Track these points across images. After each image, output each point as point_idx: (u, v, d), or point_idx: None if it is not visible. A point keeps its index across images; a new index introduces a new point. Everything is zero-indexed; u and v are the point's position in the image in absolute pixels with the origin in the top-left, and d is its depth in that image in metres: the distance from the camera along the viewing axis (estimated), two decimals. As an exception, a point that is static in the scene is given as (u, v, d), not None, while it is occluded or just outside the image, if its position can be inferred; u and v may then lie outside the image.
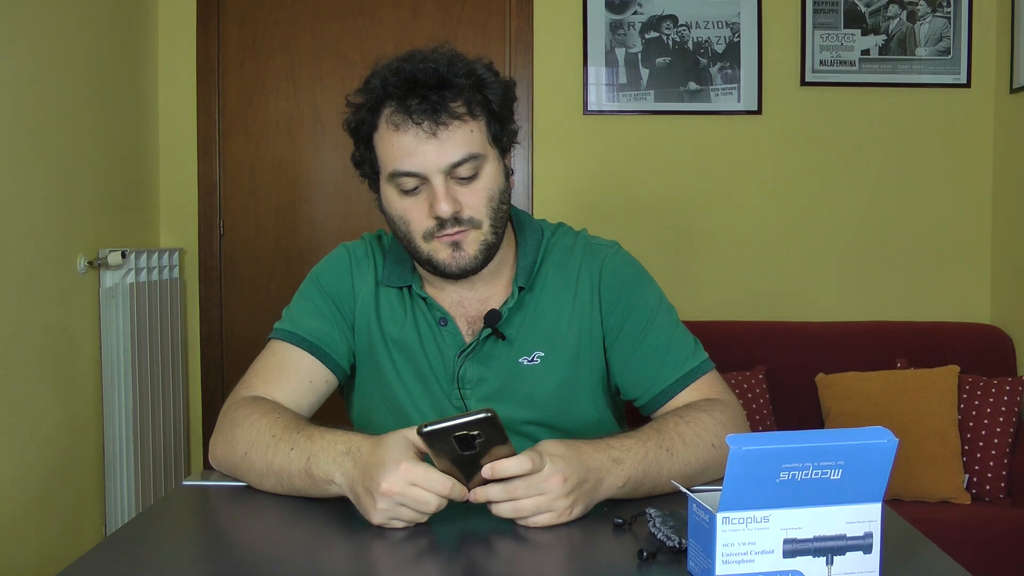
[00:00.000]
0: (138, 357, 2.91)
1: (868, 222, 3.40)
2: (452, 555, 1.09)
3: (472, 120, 1.33)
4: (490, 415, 1.05)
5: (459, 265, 1.36)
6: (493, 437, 1.07)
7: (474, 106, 1.34)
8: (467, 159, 1.32)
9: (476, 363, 1.43)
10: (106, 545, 1.10)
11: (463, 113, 1.32)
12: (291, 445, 1.23)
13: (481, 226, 1.35)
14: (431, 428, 1.06)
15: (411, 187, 1.34)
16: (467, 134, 1.33)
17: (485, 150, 1.35)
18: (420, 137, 1.31)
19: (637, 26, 3.35)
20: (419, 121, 1.30)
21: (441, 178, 1.32)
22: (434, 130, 1.31)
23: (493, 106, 1.36)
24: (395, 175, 1.34)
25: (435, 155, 1.31)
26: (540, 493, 1.10)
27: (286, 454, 1.22)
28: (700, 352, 1.45)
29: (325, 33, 3.42)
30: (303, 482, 1.21)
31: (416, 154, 1.31)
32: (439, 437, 1.06)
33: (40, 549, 2.50)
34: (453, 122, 1.31)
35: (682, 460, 1.25)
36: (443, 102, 1.31)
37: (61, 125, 2.66)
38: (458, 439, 1.06)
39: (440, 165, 1.31)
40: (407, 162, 1.32)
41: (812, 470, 0.91)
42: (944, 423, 2.85)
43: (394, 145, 1.33)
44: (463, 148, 1.32)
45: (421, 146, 1.31)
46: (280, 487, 1.25)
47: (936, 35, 3.34)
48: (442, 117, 1.31)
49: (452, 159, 1.32)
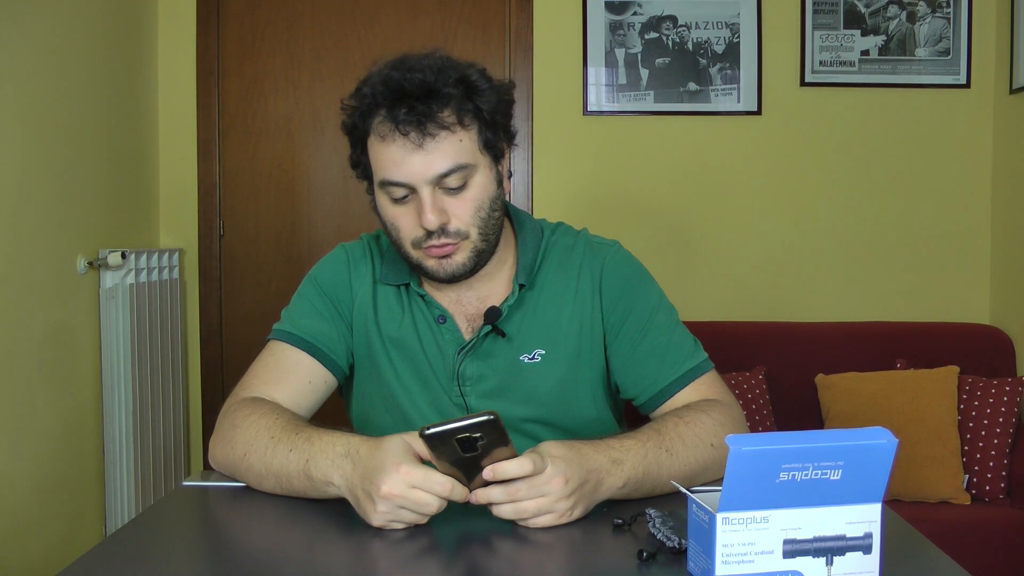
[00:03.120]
0: (138, 357, 2.91)
1: (868, 222, 3.40)
2: (452, 555, 1.09)
3: (462, 129, 1.32)
4: (492, 417, 1.05)
5: (447, 272, 1.36)
6: (495, 439, 1.07)
7: (464, 115, 1.32)
8: (455, 169, 1.31)
9: (476, 360, 1.43)
10: (106, 545, 1.10)
11: (451, 123, 1.31)
12: (289, 447, 1.22)
13: (469, 235, 1.35)
14: (433, 431, 1.06)
15: (400, 196, 1.33)
16: (455, 144, 1.31)
17: (475, 159, 1.34)
18: (407, 148, 1.30)
19: (637, 26, 3.35)
20: (405, 132, 1.29)
21: (428, 189, 1.31)
22: (420, 141, 1.29)
23: (484, 114, 1.34)
24: (384, 184, 1.34)
25: (422, 166, 1.30)
26: (541, 495, 1.10)
27: (284, 455, 1.22)
28: (700, 352, 1.45)
29: (325, 33, 3.42)
30: (302, 483, 1.21)
31: (403, 165, 1.30)
32: (441, 439, 1.06)
33: (40, 549, 2.50)
34: (440, 132, 1.30)
35: (681, 460, 1.25)
36: (430, 112, 1.29)
37: (61, 125, 2.66)
38: (460, 441, 1.06)
39: (427, 176, 1.30)
40: (394, 172, 1.31)
41: (812, 470, 0.91)
42: (944, 423, 2.85)
43: (382, 155, 1.32)
44: (450, 159, 1.31)
45: (408, 157, 1.30)
46: (279, 488, 1.25)
47: (936, 35, 3.34)
48: (429, 128, 1.29)
49: (439, 170, 1.30)
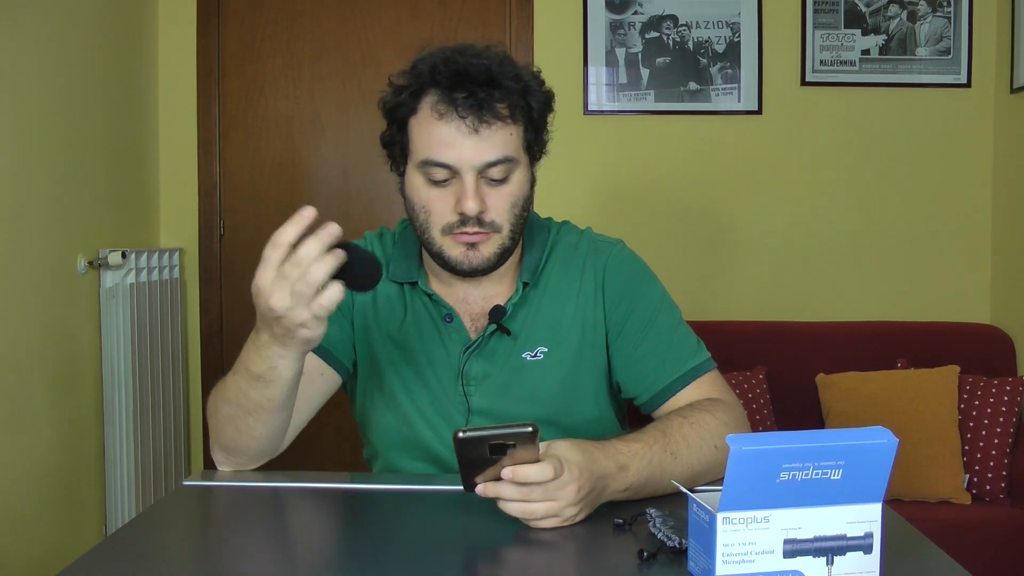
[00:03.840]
0: (138, 357, 2.91)
1: (868, 222, 3.40)
2: (453, 554, 1.09)
3: (512, 124, 1.34)
4: (532, 430, 1.05)
5: (471, 264, 1.36)
6: (527, 448, 1.07)
7: (516, 110, 1.34)
8: (502, 161, 1.32)
9: (481, 359, 1.43)
10: (106, 545, 1.10)
11: (506, 115, 1.32)
12: (232, 372, 1.28)
13: (501, 230, 1.35)
14: (469, 435, 1.05)
15: (441, 178, 1.33)
16: (506, 136, 1.33)
17: (519, 155, 1.35)
18: (461, 131, 1.30)
19: (637, 26, 3.35)
20: (463, 115, 1.30)
21: (473, 175, 1.32)
22: (476, 126, 1.30)
23: (534, 113, 1.36)
24: (427, 163, 1.33)
25: (472, 152, 1.31)
26: (552, 499, 1.10)
27: (232, 381, 1.28)
28: (702, 351, 1.45)
29: (325, 33, 3.42)
30: (249, 384, 1.24)
31: (454, 147, 1.31)
32: (473, 444, 1.06)
33: (40, 549, 2.50)
34: (496, 122, 1.31)
35: (685, 463, 1.26)
36: (490, 100, 1.30)
37: (61, 125, 2.66)
38: (492, 447, 1.06)
39: (475, 162, 1.31)
40: (443, 153, 1.32)
41: (812, 470, 0.91)
42: (944, 423, 2.85)
43: (432, 134, 1.32)
44: (500, 149, 1.32)
45: (461, 140, 1.31)
46: (251, 416, 1.27)
47: (936, 35, 3.34)
48: (486, 115, 1.30)
49: (488, 158, 1.31)
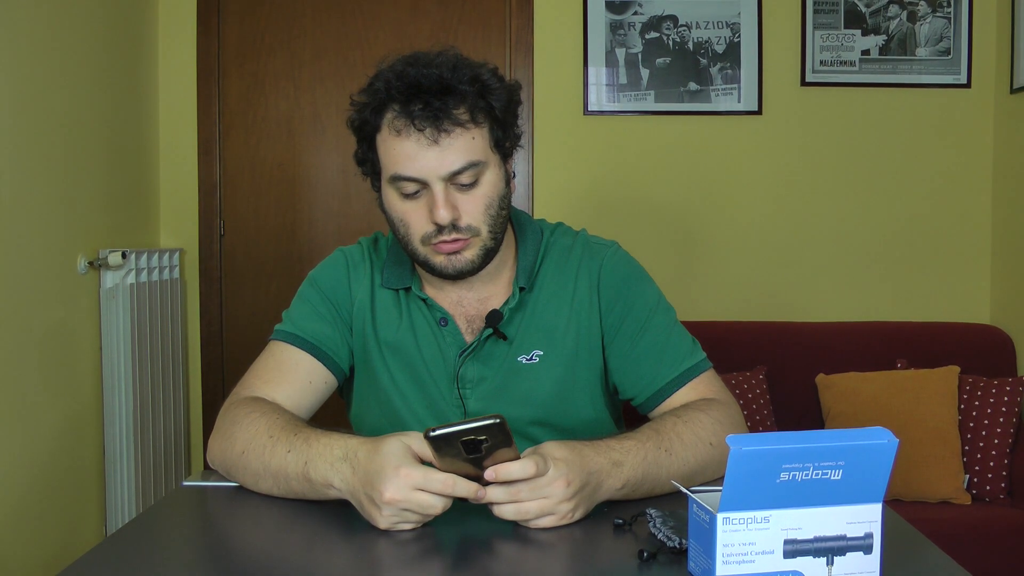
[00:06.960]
0: (138, 357, 2.91)
1: (868, 222, 3.40)
2: (453, 555, 1.09)
3: (475, 127, 1.33)
4: (498, 420, 1.05)
5: (456, 268, 1.37)
6: (499, 441, 1.07)
7: (477, 113, 1.33)
8: (467, 167, 1.32)
9: (476, 363, 1.43)
10: (106, 545, 1.10)
11: (466, 120, 1.32)
12: (288, 447, 1.22)
13: (480, 233, 1.35)
14: (438, 433, 1.05)
15: (411, 191, 1.34)
16: (468, 141, 1.32)
17: (487, 157, 1.35)
18: (422, 143, 1.30)
19: (637, 26, 3.35)
20: (421, 127, 1.30)
21: (441, 185, 1.32)
22: (436, 137, 1.30)
23: (496, 112, 1.35)
24: (395, 179, 1.34)
25: (436, 162, 1.31)
26: (543, 497, 1.10)
27: (283, 456, 1.22)
28: (698, 351, 1.45)
29: (325, 33, 3.42)
30: (301, 485, 1.20)
31: (417, 160, 1.31)
32: (445, 441, 1.06)
33: (40, 549, 2.50)
34: (455, 129, 1.31)
35: (680, 460, 1.25)
36: (446, 108, 1.30)
37: (61, 125, 2.66)
38: (464, 443, 1.06)
39: (440, 172, 1.31)
40: (408, 167, 1.32)
41: (812, 470, 0.91)
42: (944, 423, 2.85)
43: (395, 150, 1.33)
44: (464, 156, 1.32)
45: (422, 152, 1.31)
46: (276, 488, 1.24)
47: (936, 35, 3.34)
48: (444, 124, 1.30)
49: (452, 167, 1.31)
